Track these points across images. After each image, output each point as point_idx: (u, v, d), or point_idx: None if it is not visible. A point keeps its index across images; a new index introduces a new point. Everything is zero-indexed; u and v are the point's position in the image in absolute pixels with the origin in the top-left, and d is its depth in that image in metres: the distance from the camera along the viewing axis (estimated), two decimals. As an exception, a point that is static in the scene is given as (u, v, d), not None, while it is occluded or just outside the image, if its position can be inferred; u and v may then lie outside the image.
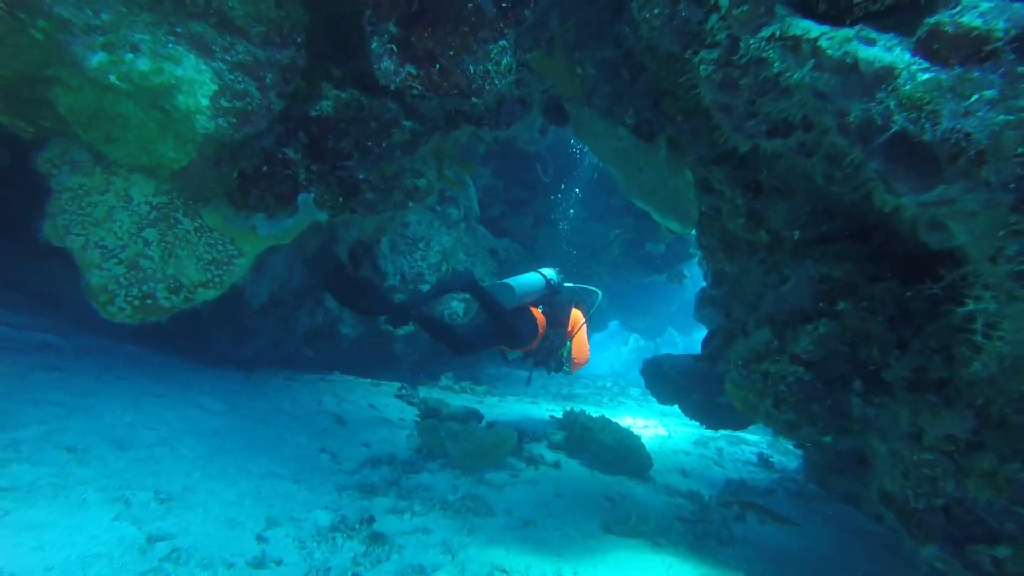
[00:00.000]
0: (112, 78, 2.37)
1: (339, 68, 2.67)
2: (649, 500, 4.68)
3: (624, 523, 3.48)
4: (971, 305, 1.74)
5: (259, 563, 2.59)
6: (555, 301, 5.76)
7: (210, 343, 6.20)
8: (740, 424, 5.34)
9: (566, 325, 5.67)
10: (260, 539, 2.76)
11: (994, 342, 1.71)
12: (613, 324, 16.64)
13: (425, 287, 7.75)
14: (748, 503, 5.18)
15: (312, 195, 2.81)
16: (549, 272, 5.83)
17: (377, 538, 3.05)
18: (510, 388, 9.81)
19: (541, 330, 5.46)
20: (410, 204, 3.13)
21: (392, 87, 2.43)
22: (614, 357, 23.77)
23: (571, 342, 5.64)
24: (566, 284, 6.01)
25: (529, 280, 5.60)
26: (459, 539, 3.18)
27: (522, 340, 5.37)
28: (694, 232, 8.40)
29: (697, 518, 4.55)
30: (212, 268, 2.92)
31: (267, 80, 2.40)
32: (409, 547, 3.03)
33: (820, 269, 2.87)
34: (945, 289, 2.58)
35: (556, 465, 4.93)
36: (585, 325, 5.84)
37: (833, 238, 3.11)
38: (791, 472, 6.63)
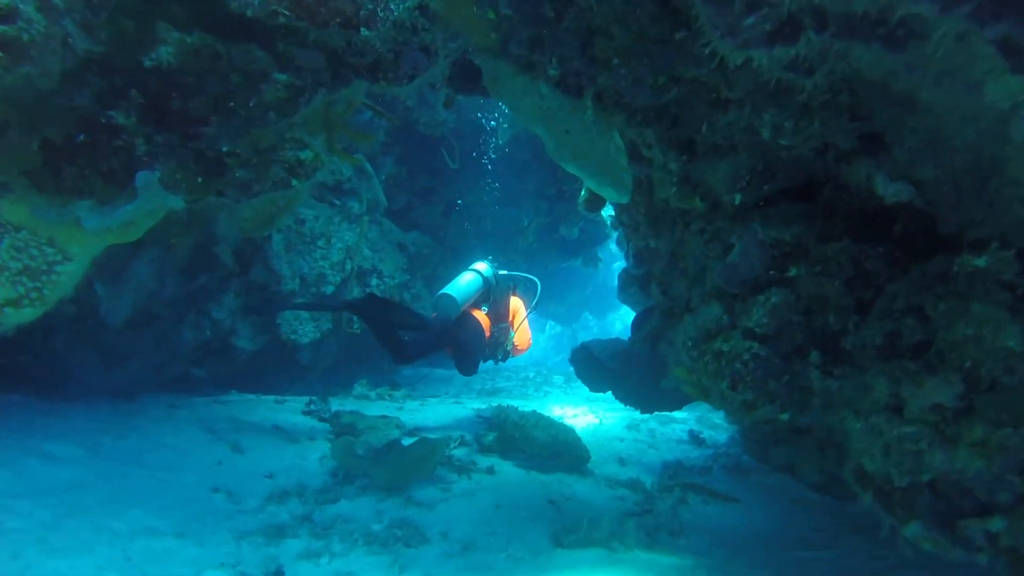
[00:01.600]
0: None
1: (182, 4, 2.05)
2: (592, 497, 4.37)
3: (575, 532, 3.13)
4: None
5: (125, 661, 1.98)
6: (494, 296, 5.75)
7: (71, 372, 5.23)
8: (676, 405, 5.17)
9: (507, 317, 5.72)
10: (126, 627, 2.13)
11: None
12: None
13: (329, 288, 7.06)
14: (688, 484, 5.03)
15: (157, 173, 2.16)
16: (485, 268, 5.77)
17: (287, 596, 2.49)
18: (430, 388, 9.28)
19: (487, 333, 5.49)
20: (294, 183, 2.55)
21: (249, 14, 1.87)
22: (532, 346, 23.66)
23: (514, 332, 5.71)
24: (501, 272, 5.96)
25: (467, 284, 5.56)
26: (389, 580, 2.68)
27: (473, 353, 5.41)
28: (610, 211, 8.28)
29: (643, 508, 4.32)
30: (25, 280, 2.20)
31: (55, 1, 1.74)
32: (328, 601, 2.50)
33: (769, 233, 2.61)
34: (905, 243, 2.40)
35: (491, 471, 4.51)
36: (526, 315, 5.98)
37: (774, 200, 2.89)
38: (722, 446, 6.61)
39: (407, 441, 5.06)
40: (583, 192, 5.30)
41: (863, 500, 2.23)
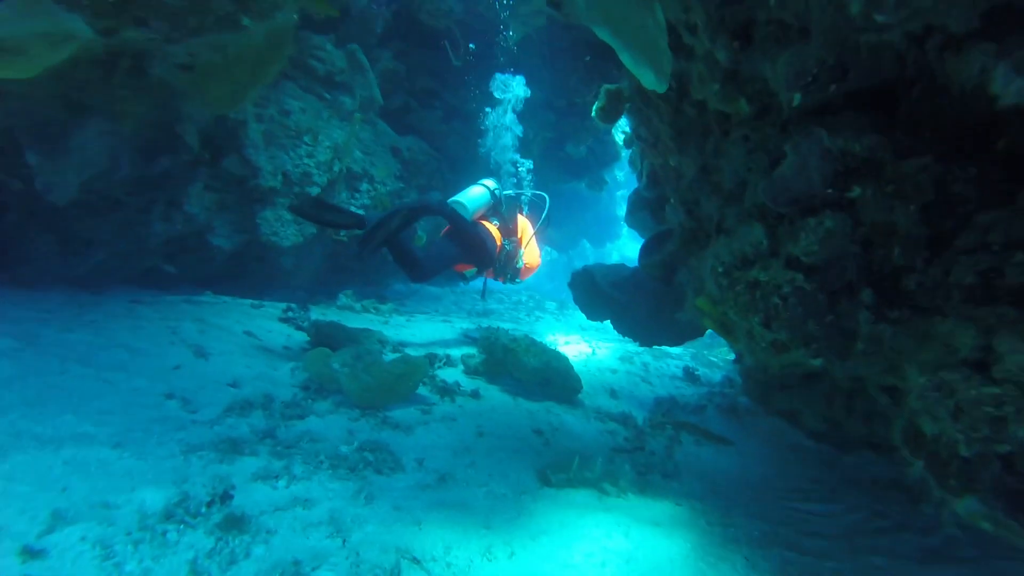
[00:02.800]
0: None
1: None
2: (582, 430, 4.10)
3: (564, 470, 2.82)
4: None
5: (21, 594, 1.65)
6: (502, 211, 5.79)
7: (28, 256, 4.78)
8: (677, 341, 4.83)
9: (516, 233, 5.74)
10: (28, 553, 1.80)
11: None
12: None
13: (314, 189, 6.52)
14: (681, 423, 4.79)
15: (41, -23, 1.63)
16: (491, 183, 5.77)
17: (234, 522, 2.17)
18: (420, 305, 8.94)
19: (499, 243, 5.54)
20: (245, 22, 2.01)
21: None
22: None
23: (523, 250, 5.74)
24: (506, 192, 5.93)
25: (476, 195, 5.58)
26: (353, 511, 2.37)
27: (488, 256, 5.43)
28: (624, 127, 7.64)
29: (634, 445, 4.06)
30: None
31: None
32: (281, 531, 2.19)
33: (836, 142, 2.13)
34: (1012, 164, 1.92)
35: (475, 395, 4.20)
36: (534, 232, 5.95)
37: (835, 106, 2.37)
38: (717, 385, 6.37)
39: (389, 358, 4.74)
40: (598, 100, 4.74)
41: (912, 467, 1.87)
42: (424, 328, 6.45)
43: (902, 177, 2.04)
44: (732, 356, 8.81)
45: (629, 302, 4.56)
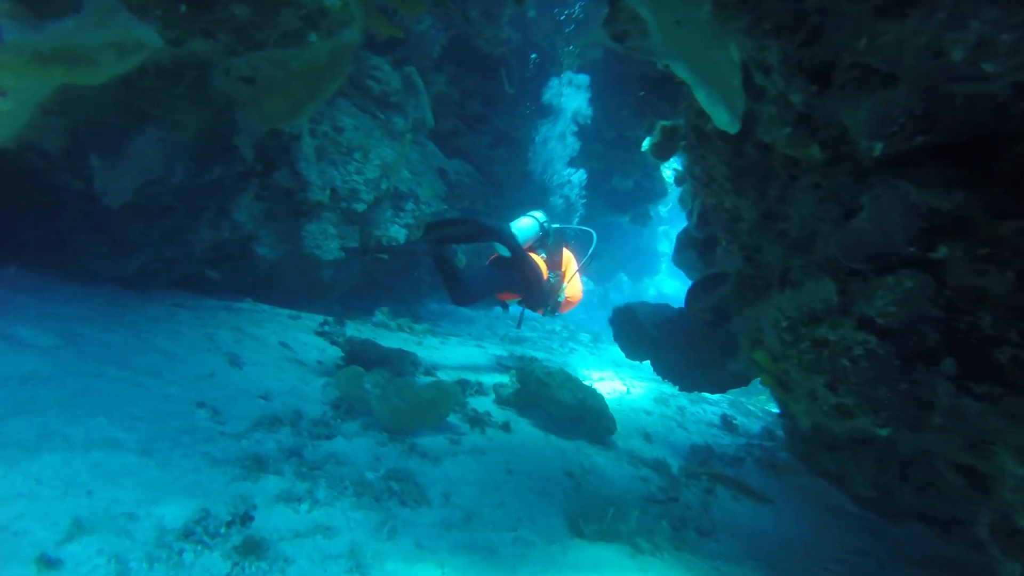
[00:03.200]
0: None
1: None
2: (614, 474, 3.91)
3: (597, 521, 2.66)
4: None
5: (33, 608, 1.59)
6: (548, 244, 5.84)
7: (78, 256, 4.90)
8: (719, 389, 4.61)
9: (561, 267, 5.77)
10: (44, 562, 1.74)
11: None
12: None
13: (361, 206, 6.56)
14: (718, 475, 4.55)
15: (118, -13, 1.62)
16: (540, 215, 5.86)
17: (252, 547, 2.09)
18: (454, 328, 8.88)
19: (545, 275, 5.52)
20: (312, 38, 2.00)
21: None
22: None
23: (567, 284, 5.72)
24: (554, 225, 6.01)
25: (526, 226, 5.64)
26: (375, 546, 2.26)
27: (535, 288, 5.43)
28: (674, 164, 7.55)
29: (668, 495, 3.86)
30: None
31: None
32: (299, 560, 2.09)
33: (923, 197, 1.97)
34: None
35: (506, 427, 4.07)
36: (579, 267, 5.95)
37: (917, 158, 2.22)
38: (755, 436, 6.08)
39: (421, 381, 4.65)
40: (653, 135, 4.65)
41: (1004, 567, 1.66)
42: (457, 352, 6.37)
43: (998, 239, 1.87)
44: (771, 406, 8.46)
45: (672, 343, 4.39)
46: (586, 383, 4.85)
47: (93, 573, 1.77)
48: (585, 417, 4.44)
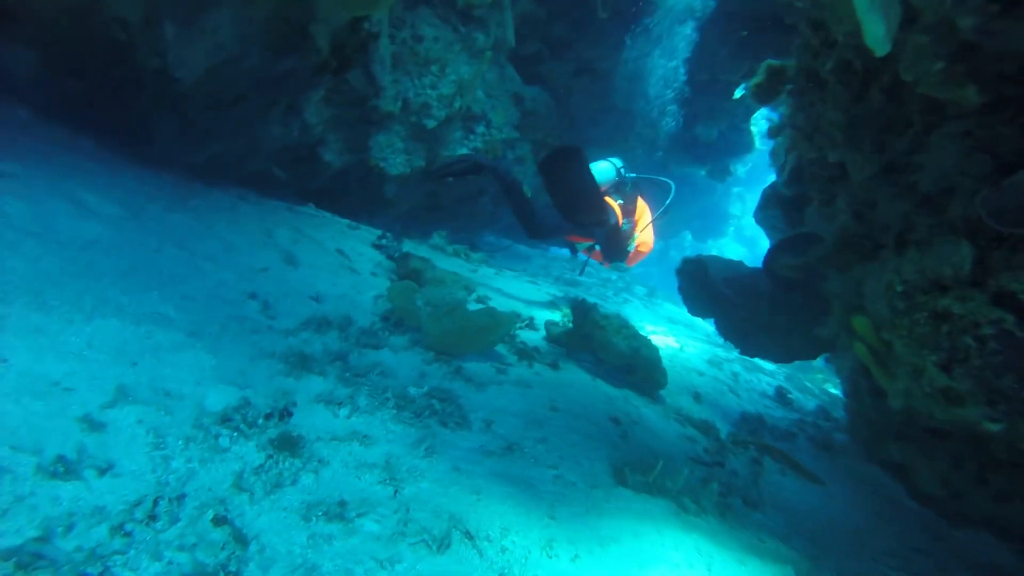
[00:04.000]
0: None
1: None
2: (661, 429, 3.74)
3: (644, 472, 2.50)
4: None
5: (67, 466, 1.56)
6: (626, 191, 5.73)
7: (153, 137, 4.92)
8: (786, 358, 4.31)
9: (634, 215, 5.64)
10: (88, 422, 1.71)
11: None
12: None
13: (431, 123, 6.34)
14: (767, 447, 4.32)
15: None
16: (617, 161, 5.76)
17: (288, 443, 2.03)
18: (509, 262, 8.73)
19: (619, 220, 5.42)
20: None
21: None
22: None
23: (639, 233, 5.61)
24: (630, 175, 5.86)
25: (602, 169, 5.54)
26: (411, 461, 2.18)
27: (608, 232, 5.32)
28: (765, 113, 6.95)
29: (714, 459, 3.67)
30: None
31: None
32: (333, 464, 2.03)
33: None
34: None
35: (554, 365, 3.93)
36: (651, 218, 5.82)
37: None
38: (810, 414, 5.77)
39: (473, 306, 4.54)
40: (756, 75, 4.22)
41: None
42: (511, 284, 6.23)
43: None
44: (830, 385, 8.04)
45: (742, 304, 4.09)
46: (643, 334, 4.63)
47: (132, 442, 1.74)
48: (637, 367, 4.25)
